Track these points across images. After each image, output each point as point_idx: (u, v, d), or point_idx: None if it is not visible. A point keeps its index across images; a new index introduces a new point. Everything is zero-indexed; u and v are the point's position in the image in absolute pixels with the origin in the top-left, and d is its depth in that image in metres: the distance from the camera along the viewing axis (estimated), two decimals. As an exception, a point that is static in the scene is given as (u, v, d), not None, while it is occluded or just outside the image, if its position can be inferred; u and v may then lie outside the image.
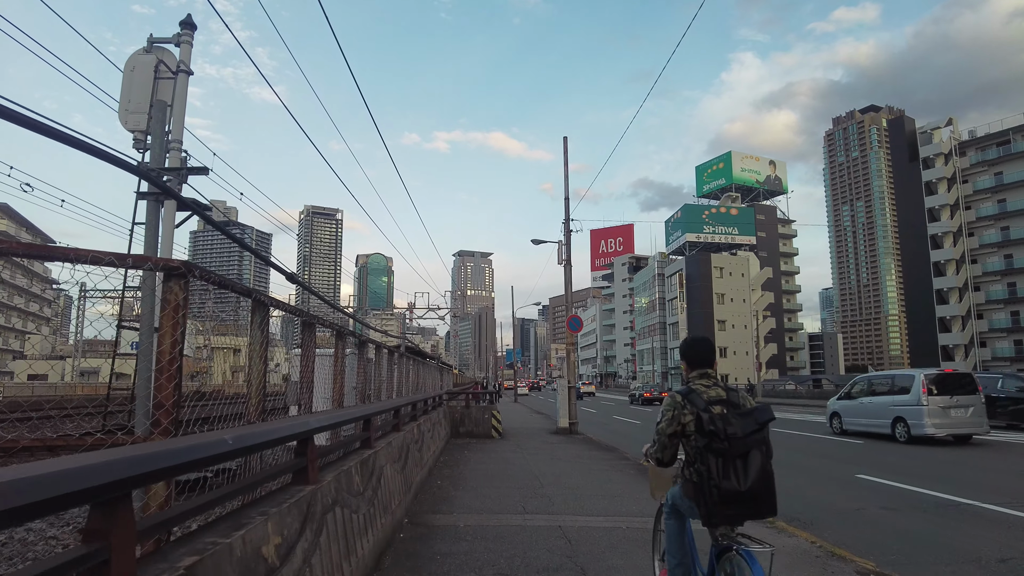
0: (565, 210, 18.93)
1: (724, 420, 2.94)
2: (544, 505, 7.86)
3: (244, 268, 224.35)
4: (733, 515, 2.98)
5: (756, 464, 2.89)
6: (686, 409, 3.11)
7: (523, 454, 13.57)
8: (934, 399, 15.12)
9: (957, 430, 15.24)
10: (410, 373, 12.65)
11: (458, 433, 17.50)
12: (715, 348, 3.65)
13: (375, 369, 8.56)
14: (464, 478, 9.98)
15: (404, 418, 8.82)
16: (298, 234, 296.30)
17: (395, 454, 6.70)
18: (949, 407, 15.09)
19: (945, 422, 15.03)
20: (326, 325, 6.13)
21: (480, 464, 11.89)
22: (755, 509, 2.97)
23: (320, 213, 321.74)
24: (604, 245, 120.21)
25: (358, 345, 7.53)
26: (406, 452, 7.59)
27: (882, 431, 16.51)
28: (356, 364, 7.67)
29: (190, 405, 3.56)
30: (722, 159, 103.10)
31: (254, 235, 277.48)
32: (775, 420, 3.08)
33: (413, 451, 8.34)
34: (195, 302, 4.28)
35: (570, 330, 18.74)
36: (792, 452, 14.20)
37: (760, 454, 2.92)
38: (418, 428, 9.30)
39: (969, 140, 70.51)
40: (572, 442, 16.50)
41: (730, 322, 79.78)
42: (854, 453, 14.24)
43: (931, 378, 15.57)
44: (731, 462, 2.89)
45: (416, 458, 8.52)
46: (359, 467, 4.81)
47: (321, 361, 7.10)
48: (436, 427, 12.93)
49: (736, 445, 2.89)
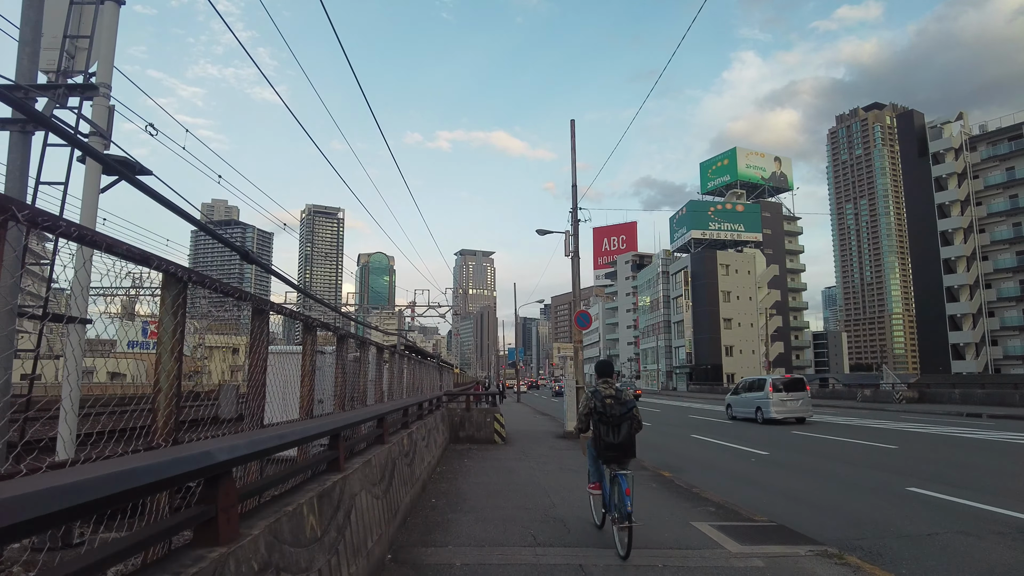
0: (572, 198, 17.61)
1: (610, 407, 5.75)
2: (558, 533, 6.58)
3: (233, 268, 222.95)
4: (612, 456, 5.79)
5: (624, 430, 5.70)
6: (593, 400, 5.89)
7: (529, 463, 12.27)
8: (777, 395, 22.18)
9: (792, 415, 22.22)
10: (404, 373, 11.37)
11: (458, 438, 16.21)
12: (613, 366, 6.79)
13: (360, 369, 7.29)
14: (463, 495, 8.68)
15: (392, 426, 7.54)
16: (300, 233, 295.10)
17: (375, 475, 5.41)
18: (786, 400, 22.28)
19: (783, 409, 22.16)
20: (285, 314, 4.86)
21: (482, 476, 10.59)
22: (624, 454, 5.76)
23: (322, 212, 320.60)
24: (607, 243, 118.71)
25: (337, 341, 6.26)
26: (391, 470, 6.30)
27: (748, 415, 23.61)
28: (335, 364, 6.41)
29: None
30: (727, 155, 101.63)
31: (255, 235, 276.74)
32: (636, 407, 5.84)
33: (402, 467, 7.05)
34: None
35: (577, 326, 17.43)
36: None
37: (628, 425, 5.72)
38: (409, 438, 8.01)
39: (980, 135, 69.00)
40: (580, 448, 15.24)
41: (736, 320, 78.32)
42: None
43: (775, 381, 22.88)
44: (611, 428, 5.71)
45: (405, 475, 7.23)
46: (315, 504, 3.52)
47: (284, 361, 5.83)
48: (433, 433, 11.64)
49: (613, 420, 5.71)
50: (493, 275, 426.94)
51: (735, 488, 10.09)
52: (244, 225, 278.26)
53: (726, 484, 10.46)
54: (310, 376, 5.23)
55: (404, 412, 8.54)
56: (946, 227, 69.10)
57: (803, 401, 22.28)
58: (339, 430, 4.49)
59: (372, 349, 8.26)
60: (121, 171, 5.04)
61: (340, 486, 4.14)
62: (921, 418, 25.54)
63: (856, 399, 39.56)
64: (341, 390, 6.37)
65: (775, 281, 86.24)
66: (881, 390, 41.15)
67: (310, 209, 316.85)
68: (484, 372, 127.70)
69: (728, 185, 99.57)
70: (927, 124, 74.61)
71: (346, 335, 6.43)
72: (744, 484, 10.52)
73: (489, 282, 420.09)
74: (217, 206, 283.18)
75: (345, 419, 4.71)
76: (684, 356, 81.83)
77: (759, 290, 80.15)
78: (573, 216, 17.71)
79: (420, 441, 9.28)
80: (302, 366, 5.24)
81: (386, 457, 6.08)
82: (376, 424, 6.54)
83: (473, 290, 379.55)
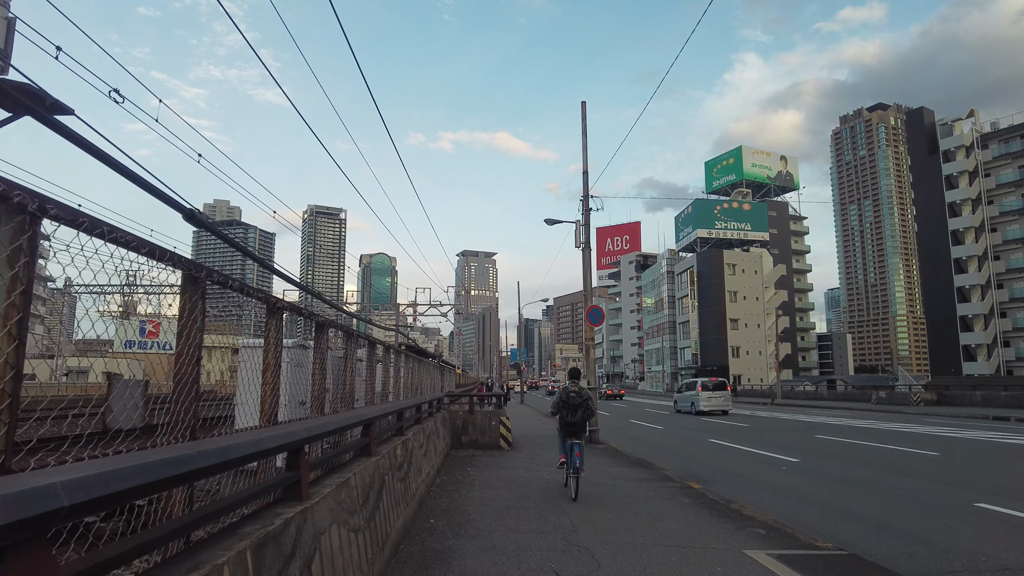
0: (584, 185, 16.36)
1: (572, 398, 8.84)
2: (586, 566, 5.34)
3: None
4: (570, 431, 8.75)
5: (579, 414, 8.77)
6: (563, 395, 8.94)
7: (540, 472, 11.02)
8: (705, 392, 29.77)
9: (717, 408, 29.81)
10: (401, 371, 10.13)
11: (460, 443, 14.98)
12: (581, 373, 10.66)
13: (346, 366, 6.08)
14: (467, 514, 7.45)
15: (384, 433, 6.33)
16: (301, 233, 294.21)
17: (355, 500, 4.19)
18: (712, 396, 29.86)
19: (709, 403, 29.61)
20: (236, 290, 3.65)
21: (488, 489, 9.35)
22: (578, 429, 8.80)
23: (323, 213, 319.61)
24: (611, 243, 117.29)
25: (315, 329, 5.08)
26: (379, 490, 5.07)
27: (687, 409, 30.89)
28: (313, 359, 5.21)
29: None
30: (732, 154, 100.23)
31: (257, 235, 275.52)
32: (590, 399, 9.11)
33: (393, 484, 5.82)
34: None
35: (589, 322, 16.18)
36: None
37: (582, 411, 8.79)
38: (404, 447, 6.78)
39: (991, 132, 67.62)
40: (595, 454, 13.96)
41: (743, 321, 76.85)
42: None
43: (704, 382, 30.46)
44: (570, 411, 8.79)
45: (398, 494, 6.00)
46: (247, 561, 2.30)
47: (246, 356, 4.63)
48: (432, 439, 10.40)
49: (573, 407, 8.79)
50: (495, 276, 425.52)
51: (776, 502, 8.86)
52: (246, 225, 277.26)
53: (764, 497, 9.24)
54: (273, 372, 4.04)
55: (398, 416, 7.31)
56: (957, 226, 67.70)
57: (725, 397, 30.30)
58: (300, 443, 3.27)
59: (363, 343, 7.06)
60: (24, 102, 3.78)
61: (296, 525, 2.91)
62: (946, 421, 24.27)
63: (871, 401, 38.25)
64: (319, 390, 5.17)
65: (781, 281, 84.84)
66: (896, 392, 39.84)
67: (312, 210, 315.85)
68: (487, 374, 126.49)
69: (733, 184, 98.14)
70: (937, 122, 73.11)
71: (326, 323, 5.22)
72: (785, 497, 9.29)
73: (491, 283, 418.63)
74: (219, 206, 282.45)
75: (311, 428, 3.49)
76: (690, 357, 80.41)
77: (766, 290, 78.74)
78: (584, 204, 16.45)
79: (417, 449, 8.05)
80: (264, 360, 4.05)
81: (372, 474, 4.85)
82: (362, 432, 5.32)
83: (475, 291, 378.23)
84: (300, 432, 3.26)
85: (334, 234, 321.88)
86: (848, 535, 6.90)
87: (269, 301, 3.85)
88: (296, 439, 3.17)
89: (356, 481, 4.28)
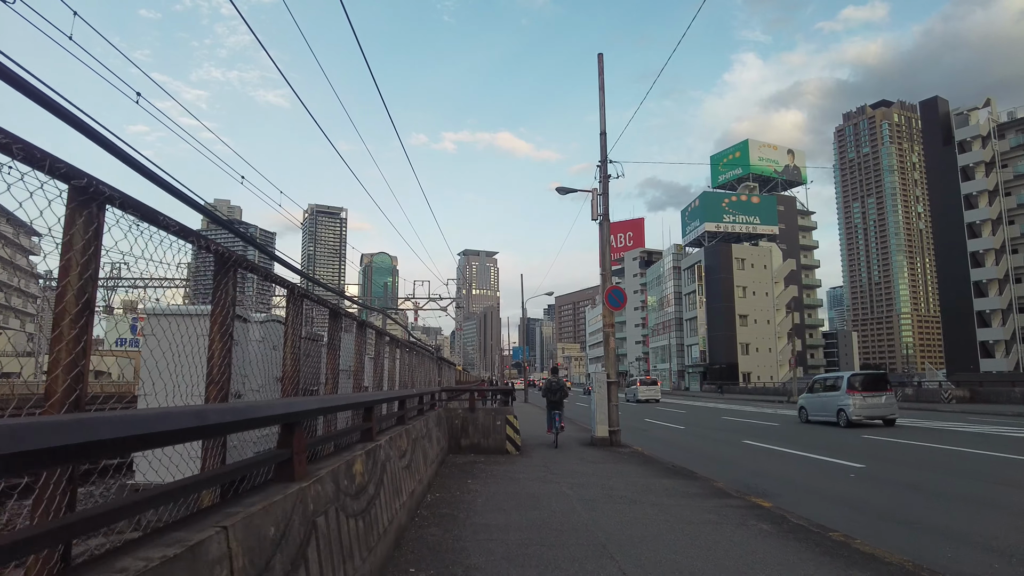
0: (601, 148, 14.10)
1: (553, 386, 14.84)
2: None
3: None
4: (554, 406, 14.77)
5: (557, 395, 14.73)
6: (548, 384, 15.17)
7: (560, 487, 8.73)
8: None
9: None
10: (385, 359, 7.91)
11: (459, 447, 12.75)
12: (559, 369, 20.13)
13: (289, 335, 3.88)
14: (466, 555, 5.19)
15: (319, 444, 4.12)
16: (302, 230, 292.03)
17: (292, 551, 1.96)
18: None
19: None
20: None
21: (496, 513, 7.06)
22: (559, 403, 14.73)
23: (324, 212, 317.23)
24: (614, 240, 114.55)
25: (218, 267, 2.88)
26: (300, 545, 2.82)
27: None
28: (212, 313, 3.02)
29: None
30: (739, 148, 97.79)
31: (258, 233, 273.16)
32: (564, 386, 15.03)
33: (336, 526, 3.57)
34: None
35: (609, 306, 13.95)
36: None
37: (559, 392, 14.74)
38: (368, 461, 4.54)
39: (1008, 122, 65.34)
40: (621, 459, 11.71)
41: (752, 317, 74.51)
42: None
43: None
44: (554, 393, 14.74)
45: (349, 538, 3.73)
46: None
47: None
48: (421, 444, 8.14)
49: (553, 391, 14.75)
50: (497, 276, 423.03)
51: (867, 524, 6.68)
52: (247, 225, 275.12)
53: (854, 518, 7.02)
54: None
55: (365, 413, 5.06)
56: (973, 219, 65.42)
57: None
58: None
59: (341, 316, 4.85)
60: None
61: None
62: (992, 420, 22.06)
63: (898, 398, 36.01)
64: (219, 371, 2.95)
65: (791, 276, 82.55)
66: (924, 389, 37.62)
67: (313, 209, 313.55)
68: (488, 372, 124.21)
69: (740, 178, 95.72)
70: (952, 111, 70.73)
71: (272, 275, 3.01)
72: (884, 521, 7.02)
73: (493, 283, 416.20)
74: (220, 206, 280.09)
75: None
76: (697, 355, 78.06)
77: (776, 285, 76.42)
78: (602, 171, 14.18)
79: (396, 461, 5.79)
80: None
81: (281, 529, 2.62)
82: (279, 439, 3.08)
83: (477, 291, 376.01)
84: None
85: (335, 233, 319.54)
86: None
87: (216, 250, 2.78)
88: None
89: (293, 512, 2.05)
